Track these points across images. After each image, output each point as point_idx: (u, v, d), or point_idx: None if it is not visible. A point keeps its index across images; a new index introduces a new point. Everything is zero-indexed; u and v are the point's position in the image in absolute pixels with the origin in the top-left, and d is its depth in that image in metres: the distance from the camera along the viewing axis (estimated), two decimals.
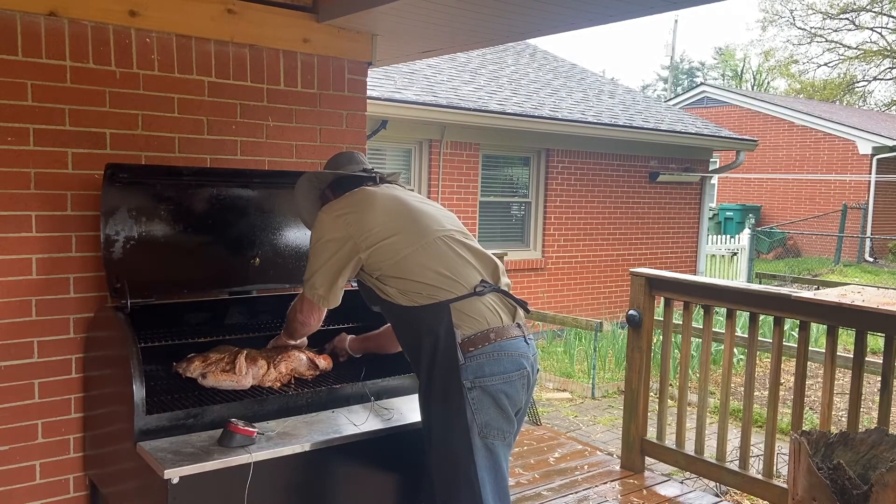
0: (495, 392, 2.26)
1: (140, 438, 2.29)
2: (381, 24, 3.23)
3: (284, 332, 2.76)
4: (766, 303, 3.63)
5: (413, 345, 2.37)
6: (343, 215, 2.41)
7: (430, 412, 2.32)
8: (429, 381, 2.31)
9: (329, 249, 2.40)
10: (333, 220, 2.42)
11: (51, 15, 2.64)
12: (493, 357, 2.26)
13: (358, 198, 2.48)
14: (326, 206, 2.51)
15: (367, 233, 2.37)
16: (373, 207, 2.43)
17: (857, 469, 2.62)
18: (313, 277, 2.43)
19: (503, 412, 2.28)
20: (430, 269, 2.33)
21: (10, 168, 2.61)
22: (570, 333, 8.67)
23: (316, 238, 2.44)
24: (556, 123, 9.28)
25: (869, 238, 18.02)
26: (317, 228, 2.45)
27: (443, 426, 2.28)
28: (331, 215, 2.44)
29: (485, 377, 2.24)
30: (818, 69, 39.16)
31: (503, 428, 2.30)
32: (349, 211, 2.42)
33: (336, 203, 2.48)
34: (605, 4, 2.94)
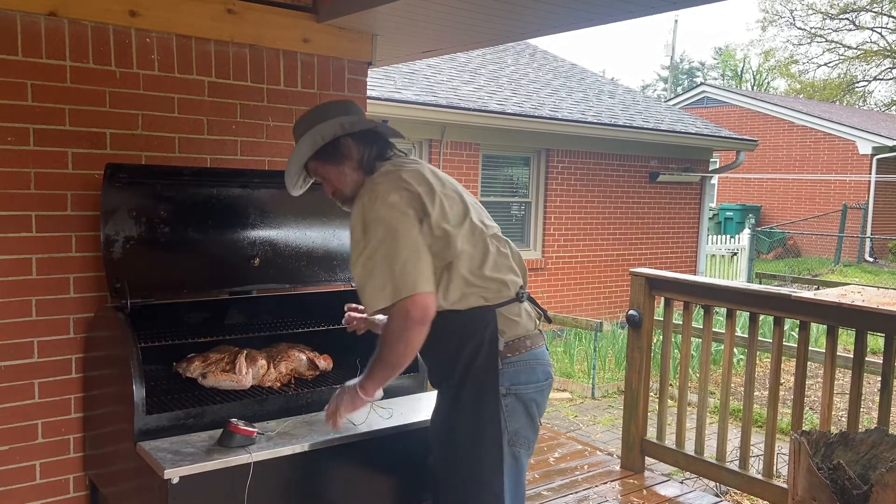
0: (528, 400, 2.19)
1: (140, 438, 2.29)
2: (381, 24, 3.23)
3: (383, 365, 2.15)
4: (766, 303, 3.63)
5: (448, 349, 2.17)
6: (406, 188, 2.09)
7: (457, 419, 2.17)
8: (460, 387, 2.15)
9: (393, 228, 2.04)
10: (393, 189, 2.08)
11: (51, 15, 2.64)
12: (529, 365, 2.19)
13: (412, 169, 2.15)
14: (381, 174, 2.14)
15: (432, 217, 2.09)
16: (432, 186, 2.12)
17: (857, 469, 2.62)
18: (405, 268, 2.02)
19: (532, 421, 2.23)
20: (482, 269, 2.14)
21: (10, 168, 2.61)
22: (570, 333, 8.67)
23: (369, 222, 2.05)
24: (556, 123, 9.28)
25: (869, 238, 18.02)
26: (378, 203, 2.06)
27: (472, 434, 2.15)
28: (392, 185, 2.09)
29: (520, 385, 2.16)
30: (818, 69, 39.20)
31: (529, 437, 2.24)
32: (409, 184, 2.09)
33: (390, 172, 2.14)
34: (605, 4, 2.93)
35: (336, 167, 2.24)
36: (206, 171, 2.96)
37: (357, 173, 2.22)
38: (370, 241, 2.04)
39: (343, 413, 2.24)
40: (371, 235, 2.05)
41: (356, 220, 2.09)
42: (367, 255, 2.05)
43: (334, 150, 2.22)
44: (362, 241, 2.06)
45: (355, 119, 2.25)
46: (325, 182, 2.30)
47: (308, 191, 3.05)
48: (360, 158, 2.22)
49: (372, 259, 2.03)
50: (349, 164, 2.23)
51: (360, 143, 2.23)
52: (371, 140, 2.24)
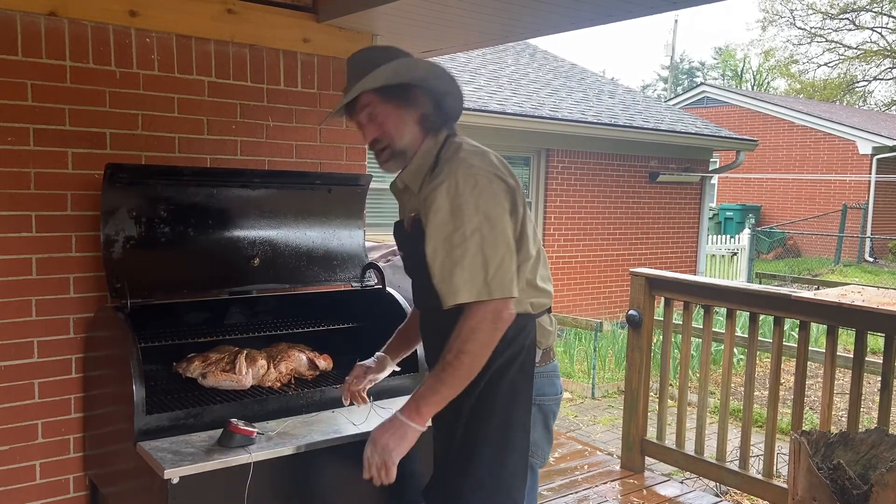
0: (548, 412, 2.11)
1: (140, 438, 2.29)
2: (381, 24, 3.23)
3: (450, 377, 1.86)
4: (766, 303, 3.63)
5: None
6: (502, 178, 1.91)
7: (481, 430, 1.98)
8: (485, 397, 1.96)
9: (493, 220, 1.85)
10: (492, 176, 1.89)
11: (51, 15, 2.64)
12: (551, 376, 2.13)
13: (498, 156, 1.98)
14: (472, 152, 1.94)
15: (519, 215, 1.92)
16: (518, 180, 1.95)
17: (857, 469, 2.62)
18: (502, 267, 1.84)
19: (549, 433, 2.16)
20: (536, 276, 2.00)
21: (10, 168, 2.61)
22: (569, 333, 8.67)
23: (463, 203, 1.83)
24: (556, 123, 9.28)
25: (869, 238, 18.02)
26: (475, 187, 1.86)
27: (500, 445, 1.98)
28: (489, 171, 1.90)
29: (545, 396, 2.08)
30: (818, 69, 39.19)
31: (545, 449, 2.17)
32: (504, 174, 1.92)
33: (480, 153, 1.94)
34: (605, 4, 2.94)
35: (397, 111, 1.97)
36: (205, 171, 2.96)
37: (417, 129, 1.99)
38: (462, 227, 1.82)
39: (396, 458, 1.90)
40: (463, 220, 1.83)
41: (442, 198, 1.85)
42: (456, 242, 1.83)
43: (405, 92, 1.96)
44: (450, 223, 1.83)
45: (442, 74, 1.98)
46: (372, 124, 2.00)
47: (308, 191, 3.07)
48: (425, 114, 1.98)
49: (462, 247, 1.82)
50: (412, 114, 1.98)
51: (432, 101, 1.99)
52: (441, 106, 2.01)
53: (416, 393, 1.91)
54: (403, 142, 1.99)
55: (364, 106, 1.99)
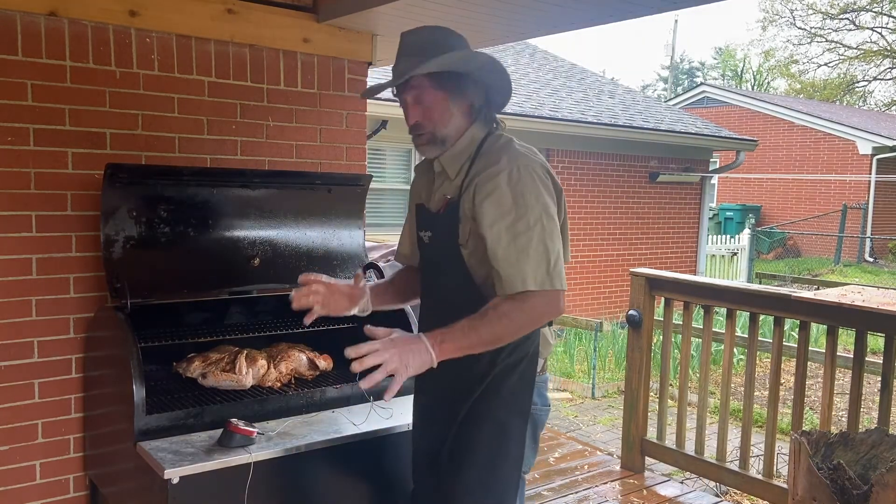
0: (537, 420, 2.11)
1: (140, 438, 2.29)
2: (381, 23, 3.23)
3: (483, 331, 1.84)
4: (766, 303, 3.63)
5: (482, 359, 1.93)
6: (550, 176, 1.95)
7: (477, 436, 1.96)
8: (482, 402, 1.95)
9: (550, 213, 1.89)
10: (545, 173, 1.93)
11: (51, 15, 2.64)
12: (543, 386, 2.14)
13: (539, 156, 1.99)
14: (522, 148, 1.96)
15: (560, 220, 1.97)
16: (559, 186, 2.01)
17: (857, 469, 2.62)
18: (559, 260, 1.88)
19: (535, 444, 2.16)
20: None
21: (10, 168, 2.61)
22: (570, 333, 8.67)
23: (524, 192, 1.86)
24: (556, 123, 9.28)
25: (869, 238, 18.02)
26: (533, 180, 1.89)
27: (493, 451, 1.97)
28: (539, 167, 1.93)
29: (535, 405, 2.07)
30: (818, 69, 39.16)
31: (530, 458, 2.15)
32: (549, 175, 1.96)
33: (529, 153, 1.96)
34: (605, 4, 2.94)
35: (446, 100, 1.96)
36: (205, 171, 2.96)
37: (462, 119, 1.99)
38: (526, 216, 1.85)
39: (405, 374, 1.81)
40: (526, 210, 1.85)
41: (503, 187, 1.86)
42: (520, 229, 1.84)
43: (458, 81, 1.95)
44: (513, 211, 1.85)
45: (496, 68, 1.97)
46: (418, 107, 1.98)
47: (308, 191, 3.06)
48: (473, 105, 1.99)
49: (527, 235, 1.84)
50: (461, 104, 1.97)
51: (482, 93, 2.00)
52: (490, 99, 2.02)
53: (447, 329, 1.84)
54: (446, 130, 1.99)
55: (413, 87, 1.97)
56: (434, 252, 2.09)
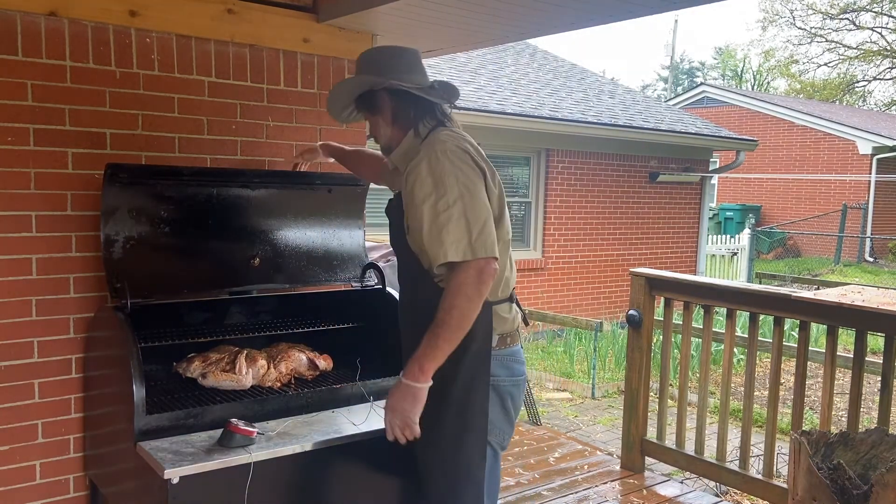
0: (504, 393, 2.22)
1: (140, 438, 2.29)
2: (381, 24, 3.23)
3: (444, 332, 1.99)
4: (766, 303, 3.63)
5: None
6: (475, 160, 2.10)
7: (445, 412, 2.13)
8: (449, 380, 2.09)
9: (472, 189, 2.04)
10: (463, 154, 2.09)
11: (51, 15, 2.64)
12: (507, 360, 2.22)
13: (473, 144, 2.17)
14: (447, 135, 2.12)
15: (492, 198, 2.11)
16: (491, 166, 2.17)
17: (857, 469, 2.62)
18: (484, 230, 2.02)
19: (507, 415, 2.26)
20: (503, 264, 2.15)
21: (10, 168, 2.61)
22: (570, 333, 8.67)
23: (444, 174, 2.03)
24: (556, 123, 9.28)
25: (869, 238, 18.02)
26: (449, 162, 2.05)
27: (459, 426, 2.13)
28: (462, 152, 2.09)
29: (498, 377, 2.18)
30: (818, 69, 39.15)
31: (505, 430, 2.27)
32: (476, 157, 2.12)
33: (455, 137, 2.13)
34: (605, 4, 2.94)
35: (371, 116, 2.31)
36: (205, 171, 2.96)
37: (392, 129, 2.26)
38: (445, 195, 2.02)
39: (415, 417, 2.03)
40: (445, 190, 2.02)
41: (423, 174, 2.05)
42: (440, 209, 2.02)
43: (372, 101, 2.27)
44: (433, 193, 2.03)
45: (393, 78, 2.21)
46: (368, 123, 2.38)
47: (308, 191, 3.07)
48: (394, 114, 2.23)
49: (447, 213, 2.01)
50: (382, 117, 2.26)
51: (398, 101, 2.22)
52: (411, 100, 2.20)
53: (416, 354, 2.03)
54: (383, 141, 2.31)
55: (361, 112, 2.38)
56: (392, 242, 2.32)
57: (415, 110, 2.21)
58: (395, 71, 2.22)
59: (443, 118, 2.22)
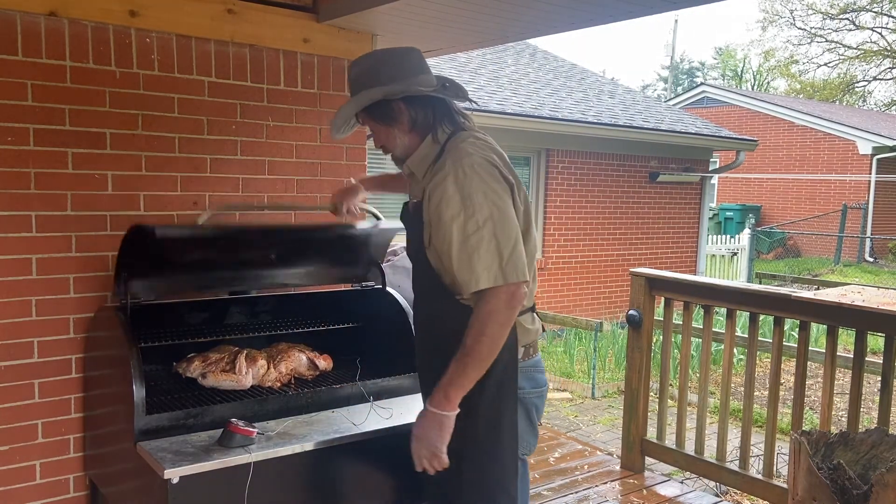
0: (529, 405, 2.16)
1: (140, 438, 2.29)
2: (381, 24, 3.23)
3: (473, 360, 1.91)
4: (766, 303, 3.63)
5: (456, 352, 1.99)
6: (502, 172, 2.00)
7: (475, 428, 2.02)
8: (477, 395, 1.98)
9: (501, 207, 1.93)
10: (492, 168, 1.98)
11: (51, 15, 2.64)
12: (532, 371, 2.18)
13: (498, 151, 2.08)
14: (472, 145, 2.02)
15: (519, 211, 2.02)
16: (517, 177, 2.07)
17: (857, 469, 2.62)
18: (515, 252, 1.92)
19: (532, 426, 2.21)
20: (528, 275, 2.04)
21: (10, 168, 2.61)
22: (570, 333, 8.67)
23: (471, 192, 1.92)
24: (557, 123, 9.28)
25: (869, 238, 18.02)
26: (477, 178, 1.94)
27: (490, 441, 2.05)
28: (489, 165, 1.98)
29: (523, 389, 2.12)
30: (818, 69, 39.20)
31: (530, 442, 2.22)
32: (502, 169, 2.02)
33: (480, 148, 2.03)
34: (605, 4, 2.94)
35: (385, 127, 2.12)
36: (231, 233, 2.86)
37: (408, 137, 2.11)
38: (474, 216, 1.91)
39: (443, 447, 1.95)
40: (474, 210, 1.91)
41: (450, 191, 1.93)
42: (470, 230, 1.91)
43: (387, 109, 2.09)
44: (462, 213, 1.91)
45: (409, 84, 2.08)
46: (374, 136, 2.19)
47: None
48: (413, 121, 2.09)
49: (477, 234, 1.90)
50: (400, 126, 2.10)
51: (416, 108, 2.09)
52: (428, 104, 2.09)
53: (442, 382, 1.94)
54: (398, 151, 2.15)
55: (363, 122, 2.19)
56: (409, 253, 2.21)
57: (434, 114, 2.10)
58: (407, 76, 2.08)
59: (461, 119, 2.13)
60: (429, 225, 2.01)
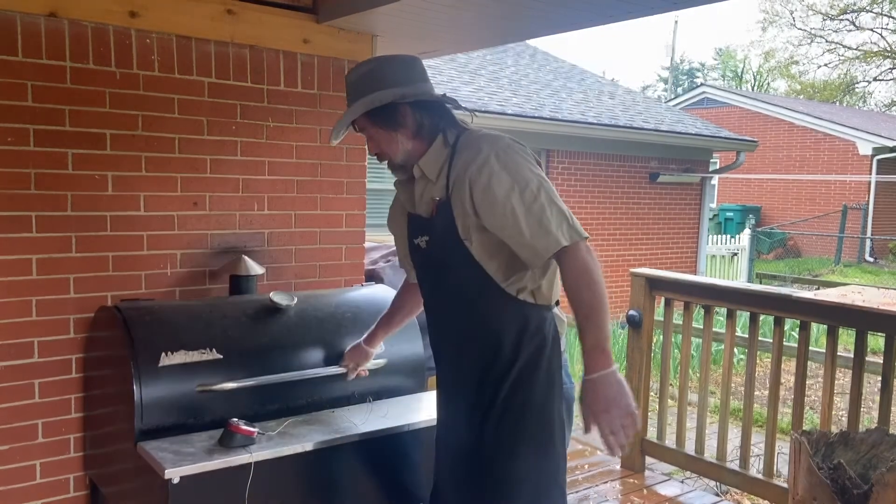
0: (570, 398, 2.14)
1: (140, 438, 2.29)
2: (381, 24, 3.23)
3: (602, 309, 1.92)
4: (767, 303, 3.63)
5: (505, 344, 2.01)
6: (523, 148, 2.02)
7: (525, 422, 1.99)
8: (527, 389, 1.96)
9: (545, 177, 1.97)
10: (523, 149, 2.01)
11: (51, 15, 2.64)
12: (566, 364, 2.17)
13: None
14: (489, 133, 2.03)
15: None
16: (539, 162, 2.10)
17: (857, 469, 2.62)
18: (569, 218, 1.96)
19: (570, 419, 2.17)
20: None
21: (10, 168, 2.61)
22: (570, 333, 8.61)
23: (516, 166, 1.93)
24: (557, 124, 9.28)
25: (869, 238, 18.01)
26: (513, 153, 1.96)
27: (542, 437, 2.03)
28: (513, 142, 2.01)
29: (565, 385, 2.12)
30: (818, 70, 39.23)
31: (568, 436, 2.18)
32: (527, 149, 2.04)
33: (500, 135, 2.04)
34: (605, 4, 2.94)
35: (387, 132, 2.08)
36: None
37: (412, 143, 2.07)
38: (528, 185, 1.91)
39: (633, 402, 1.88)
40: (526, 181, 1.92)
41: (496, 170, 1.92)
42: (528, 199, 1.90)
43: (392, 114, 2.05)
44: (515, 186, 1.91)
45: (417, 88, 2.07)
46: (371, 142, 2.13)
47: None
48: (418, 127, 2.07)
49: (537, 202, 1.91)
50: (404, 132, 2.07)
51: (422, 113, 2.07)
52: (434, 109, 2.09)
53: (590, 344, 1.89)
54: (400, 157, 2.10)
55: (361, 128, 2.13)
56: (435, 255, 2.10)
57: (441, 120, 2.09)
58: (414, 81, 2.07)
59: (463, 124, 2.12)
60: (469, 215, 1.96)
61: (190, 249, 3.00)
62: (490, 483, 2.03)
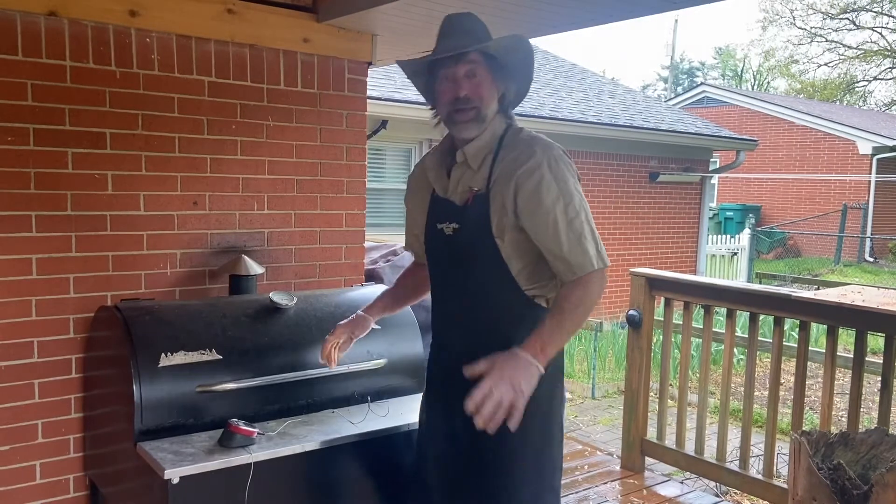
0: (561, 418, 2.12)
1: (140, 438, 2.29)
2: (381, 24, 3.23)
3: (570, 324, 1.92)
4: (766, 303, 3.63)
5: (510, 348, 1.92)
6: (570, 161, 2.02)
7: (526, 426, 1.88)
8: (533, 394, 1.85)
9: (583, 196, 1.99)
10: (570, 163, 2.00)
11: (51, 15, 2.64)
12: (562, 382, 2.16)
13: None
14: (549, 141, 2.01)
15: None
16: None
17: (857, 469, 2.62)
18: (599, 242, 1.97)
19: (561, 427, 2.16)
20: None
21: (10, 168, 2.61)
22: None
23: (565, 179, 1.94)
24: (557, 123, 9.28)
25: (869, 238, 18.02)
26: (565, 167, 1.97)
27: (542, 440, 2.04)
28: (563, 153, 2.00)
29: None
30: (818, 69, 39.17)
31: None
32: None
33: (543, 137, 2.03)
34: (605, 4, 2.93)
35: (493, 82, 2.02)
36: None
37: (495, 104, 2.04)
38: (571, 202, 1.93)
39: (526, 398, 1.77)
40: (571, 196, 1.94)
41: (547, 177, 1.93)
42: (571, 214, 1.93)
43: (503, 68, 2.03)
44: (561, 198, 1.92)
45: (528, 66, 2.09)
46: (469, 82, 1.99)
47: None
48: (506, 94, 2.06)
49: (578, 219, 1.93)
50: (499, 89, 2.04)
51: (514, 85, 2.07)
52: (518, 91, 2.10)
53: (538, 334, 1.85)
54: (487, 110, 2.02)
55: (469, 62, 1.99)
56: (462, 245, 2.05)
57: (515, 102, 2.10)
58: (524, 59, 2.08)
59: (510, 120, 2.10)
60: (506, 213, 1.95)
61: (190, 249, 3.00)
62: (488, 486, 2.03)
